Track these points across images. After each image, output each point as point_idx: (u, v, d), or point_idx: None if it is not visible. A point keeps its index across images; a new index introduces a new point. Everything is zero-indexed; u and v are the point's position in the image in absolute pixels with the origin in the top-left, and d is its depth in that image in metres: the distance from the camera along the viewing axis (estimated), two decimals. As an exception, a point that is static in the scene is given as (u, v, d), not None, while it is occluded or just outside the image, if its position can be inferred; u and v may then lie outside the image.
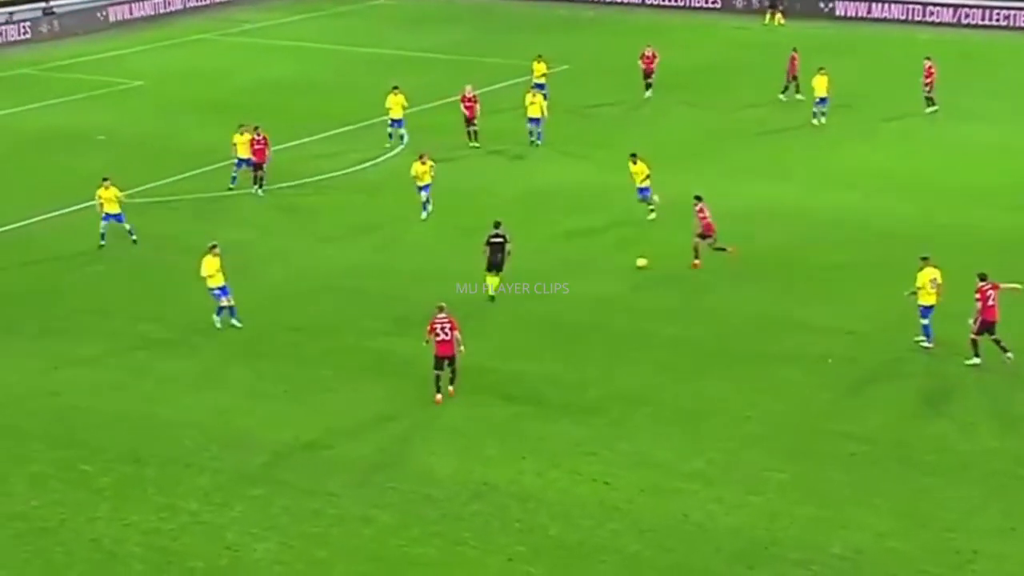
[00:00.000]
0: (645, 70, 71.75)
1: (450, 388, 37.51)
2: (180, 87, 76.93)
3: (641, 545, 30.56)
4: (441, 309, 37.46)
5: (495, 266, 44.01)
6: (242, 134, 55.76)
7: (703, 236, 46.95)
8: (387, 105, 62.27)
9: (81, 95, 74.99)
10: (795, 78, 70.23)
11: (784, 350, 40.68)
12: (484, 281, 44.10)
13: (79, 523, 31.79)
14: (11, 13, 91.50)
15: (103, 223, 49.74)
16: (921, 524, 31.29)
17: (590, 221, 52.13)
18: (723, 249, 46.95)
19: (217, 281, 42.04)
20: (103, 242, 49.78)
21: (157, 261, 48.74)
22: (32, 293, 46.37)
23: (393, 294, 45.07)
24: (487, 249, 43.96)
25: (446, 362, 37.36)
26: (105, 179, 49.92)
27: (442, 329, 37.12)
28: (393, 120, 62.32)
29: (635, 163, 52.41)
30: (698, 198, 47.40)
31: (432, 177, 52.16)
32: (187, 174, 58.36)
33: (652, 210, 51.95)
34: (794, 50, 71.20)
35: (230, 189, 56.00)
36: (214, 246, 42.34)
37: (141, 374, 39.93)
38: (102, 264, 48.87)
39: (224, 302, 42.19)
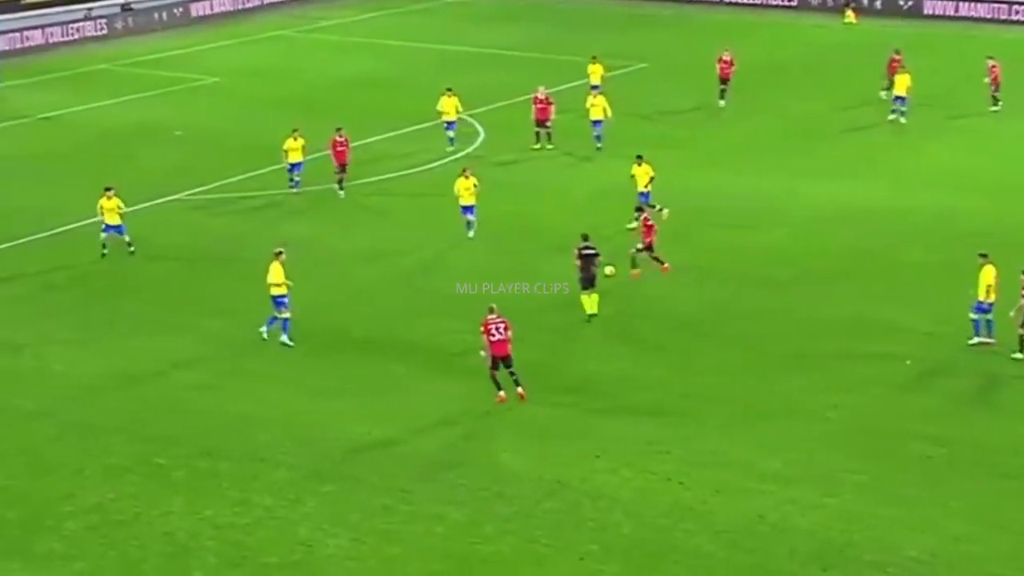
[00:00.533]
0: (721, 76, 69.46)
1: (519, 390, 37.25)
2: (256, 84, 77.30)
3: (715, 546, 30.36)
4: (492, 310, 37.35)
5: (589, 282, 42.44)
6: (295, 139, 55.41)
7: (642, 248, 45.56)
8: (440, 108, 61.66)
9: (157, 91, 75.45)
10: (892, 79, 68.49)
11: (863, 350, 40.31)
12: (580, 300, 42.73)
13: (154, 516, 31.95)
14: (89, 9, 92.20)
15: (103, 235, 48.73)
16: (1000, 527, 30.89)
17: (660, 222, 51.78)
18: (658, 260, 45.76)
19: (282, 290, 41.11)
20: (105, 251, 48.76)
21: (229, 257, 48.93)
22: (106, 288, 46.73)
23: (464, 292, 44.81)
24: (579, 263, 42.48)
25: (502, 362, 37.15)
26: (108, 189, 48.92)
27: (496, 329, 36.97)
28: (447, 122, 61.71)
29: (640, 164, 51.00)
30: (639, 209, 46.28)
31: (476, 195, 49.84)
32: (260, 171, 58.43)
33: (659, 215, 49.40)
34: (896, 51, 69.43)
35: (295, 193, 55.88)
36: (280, 252, 41.61)
37: (213, 370, 40.17)
38: (175, 260, 49.10)
39: (283, 314, 41.25)
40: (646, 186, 50.93)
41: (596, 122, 61.41)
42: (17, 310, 45.21)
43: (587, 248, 42.62)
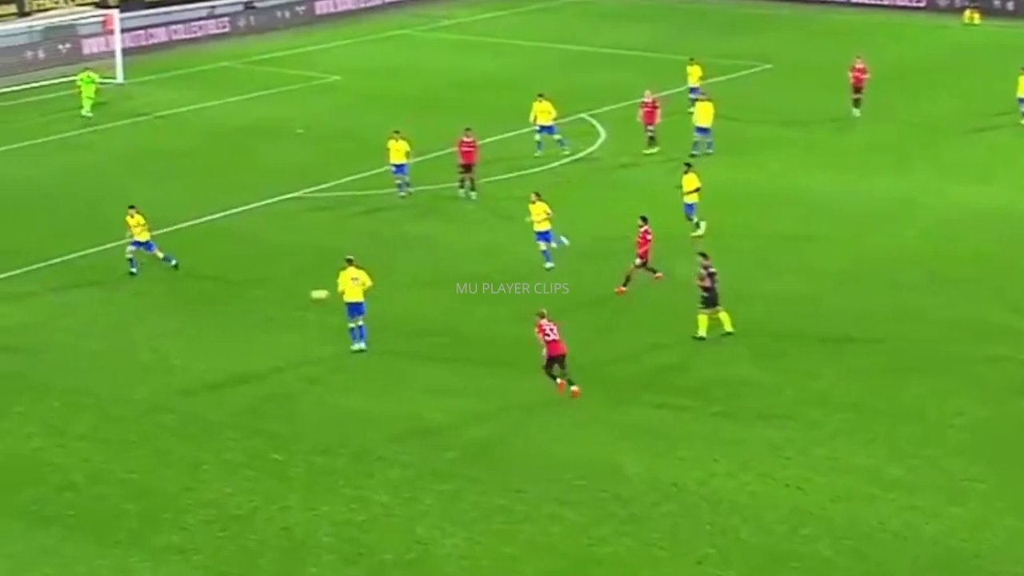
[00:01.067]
0: (855, 84, 66.64)
1: (573, 388, 37.35)
2: (377, 82, 77.44)
3: (834, 552, 29.92)
4: (543, 315, 37.56)
5: (713, 301, 40.98)
6: (396, 141, 55.12)
7: (640, 263, 44.51)
8: (533, 115, 60.68)
9: (278, 89, 75.78)
10: None
11: (989, 355, 39.61)
12: (696, 320, 41.13)
13: (271, 511, 32.05)
14: (212, 7, 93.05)
15: (145, 251, 47.56)
16: None
17: (779, 224, 51.18)
18: (627, 280, 44.60)
19: (360, 296, 40.73)
20: (174, 264, 47.77)
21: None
22: (227, 283, 46.97)
23: (579, 297, 44.39)
24: (707, 282, 40.86)
25: (556, 363, 37.28)
26: (132, 207, 47.81)
27: (550, 331, 37.23)
28: (541, 127, 60.74)
29: (687, 173, 49.81)
30: (644, 219, 44.91)
31: (550, 220, 47.44)
32: (378, 170, 57.89)
33: (698, 226, 49.17)
34: None
35: (402, 198, 55.51)
36: (351, 259, 41.34)
37: (330, 367, 40.31)
38: (292, 257, 49.20)
39: (359, 321, 40.97)
40: (689, 195, 49.66)
41: (701, 129, 59.77)
42: (136, 305, 45.55)
43: (708, 267, 41.26)
